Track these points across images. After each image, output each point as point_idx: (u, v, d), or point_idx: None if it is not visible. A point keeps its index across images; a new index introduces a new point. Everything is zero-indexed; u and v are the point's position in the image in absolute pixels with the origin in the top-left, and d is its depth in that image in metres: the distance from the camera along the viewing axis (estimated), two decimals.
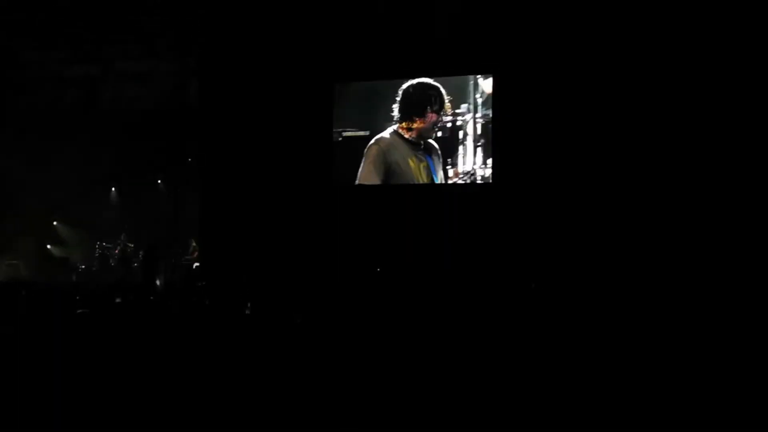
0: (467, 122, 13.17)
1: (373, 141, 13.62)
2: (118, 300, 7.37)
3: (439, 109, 13.22)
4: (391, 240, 12.64)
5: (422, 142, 13.36)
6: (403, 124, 13.42)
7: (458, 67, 12.86)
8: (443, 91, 13.25)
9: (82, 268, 17.25)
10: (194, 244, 15.93)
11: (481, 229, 12.39)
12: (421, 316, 6.57)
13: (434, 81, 13.27)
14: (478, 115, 13.12)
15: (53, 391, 4.35)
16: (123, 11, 13.22)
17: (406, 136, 13.46)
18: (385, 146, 13.62)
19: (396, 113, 13.47)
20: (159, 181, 17.39)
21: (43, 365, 4.74)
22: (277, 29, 13.28)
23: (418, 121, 13.37)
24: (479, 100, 13.08)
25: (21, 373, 4.67)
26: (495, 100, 12.62)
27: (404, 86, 13.46)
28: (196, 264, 15.28)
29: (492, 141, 12.65)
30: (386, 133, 13.57)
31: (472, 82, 13.10)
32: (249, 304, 7.12)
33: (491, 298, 8.32)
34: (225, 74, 13.94)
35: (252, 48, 13.63)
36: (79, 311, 6.23)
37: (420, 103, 13.41)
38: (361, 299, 7.83)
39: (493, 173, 12.65)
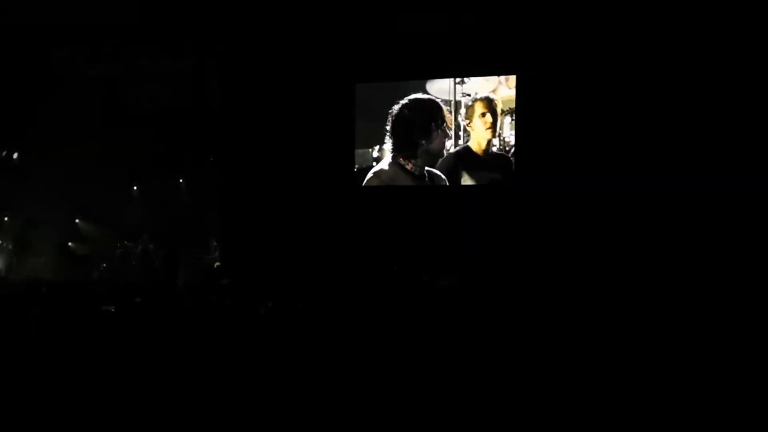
0: None
1: (371, 174, 12.93)
2: (138, 299, 7.38)
3: (443, 123, 12.31)
4: (410, 241, 12.57)
5: (426, 173, 12.40)
6: (404, 153, 12.47)
7: (480, 66, 12.72)
8: (441, 103, 12.39)
9: (103, 267, 17.32)
10: (215, 243, 15.95)
11: (502, 230, 12.30)
12: (436, 316, 6.54)
13: (427, 95, 12.36)
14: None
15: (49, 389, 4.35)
16: (145, 10, 13.23)
17: (409, 167, 12.38)
18: (386, 180, 12.71)
19: (389, 142, 12.56)
20: (180, 181, 17.43)
21: (62, 362, 4.74)
22: (298, 29, 13.23)
23: (426, 144, 12.34)
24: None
25: (36, 371, 4.67)
26: (518, 99, 12.47)
27: (396, 108, 12.55)
28: (217, 264, 15.30)
29: (515, 141, 12.45)
30: (384, 164, 12.76)
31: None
32: (269, 304, 7.12)
33: (507, 299, 8.29)
34: (246, 74, 13.95)
35: (273, 47, 13.62)
36: (103, 308, 6.24)
37: (424, 122, 12.33)
38: (377, 299, 7.81)
39: (515, 173, 12.46)
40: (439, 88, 12.46)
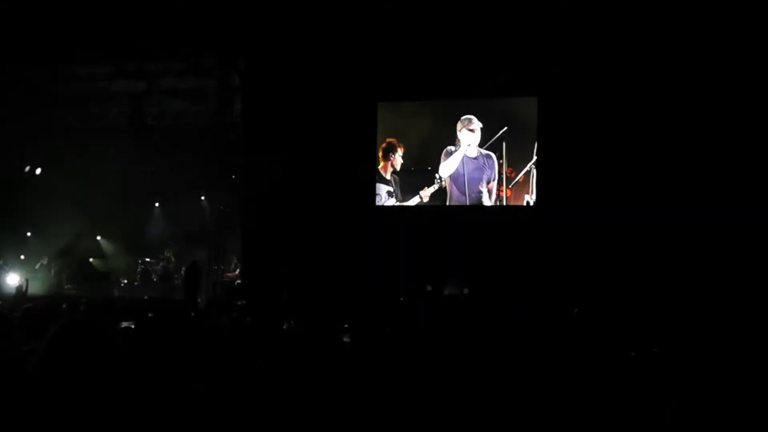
0: None
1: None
2: (150, 315, 7.36)
3: None
4: (429, 260, 12.52)
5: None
6: None
7: (501, 89, 12.74)
8: None
9: (124, 283, 17.40)
10: (236, 260, 15.98)
11: (522, 252, 12.24)
12: (461, 337, 6.50)
13: None
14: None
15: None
16: (167, 28, 13.32)
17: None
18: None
19: None
20: (202, 198, 17.52)
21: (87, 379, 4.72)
22: (321, 47, 13.27)
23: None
24: None
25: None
26: (540, 122, 12.49)
27: None
28: (238, 281, 15.31)
29: (536, 164, 12.49)
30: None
31: None
32: (290, 321, 7.10)
33: (532, 322, 8.22)
34: (268, 91, 13.98)
35: (295, 65, 13.65)
36: (123, 325, 6.22)
37: None
38: (396, 319, 7.77)
39: (537, 196, 12.48)
40: None
